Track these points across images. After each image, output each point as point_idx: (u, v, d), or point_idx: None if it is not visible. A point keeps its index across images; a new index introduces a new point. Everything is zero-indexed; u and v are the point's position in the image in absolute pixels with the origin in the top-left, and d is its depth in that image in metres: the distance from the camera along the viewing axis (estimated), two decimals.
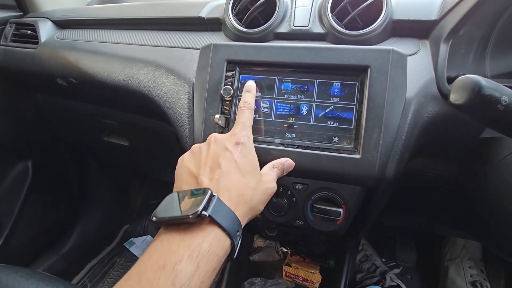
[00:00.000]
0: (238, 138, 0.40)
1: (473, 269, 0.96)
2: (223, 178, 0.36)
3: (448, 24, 0.48)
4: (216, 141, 0.40)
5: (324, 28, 0.55)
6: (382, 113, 0.45)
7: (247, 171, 0.38)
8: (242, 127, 0.42)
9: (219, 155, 0.38)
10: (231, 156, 0.38)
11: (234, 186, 0.36)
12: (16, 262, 1.00)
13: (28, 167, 1.01)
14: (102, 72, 0.67)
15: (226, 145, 0.39)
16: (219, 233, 0.32)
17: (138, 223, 1.36)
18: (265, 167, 0.44)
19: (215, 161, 0.37)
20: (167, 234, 0.32)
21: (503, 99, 0.27)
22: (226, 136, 0.41)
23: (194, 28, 0.65)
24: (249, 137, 0.42)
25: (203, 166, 0.37)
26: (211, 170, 0.37)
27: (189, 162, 0.40)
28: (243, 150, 0.39)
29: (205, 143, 0.41)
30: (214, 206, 0.32)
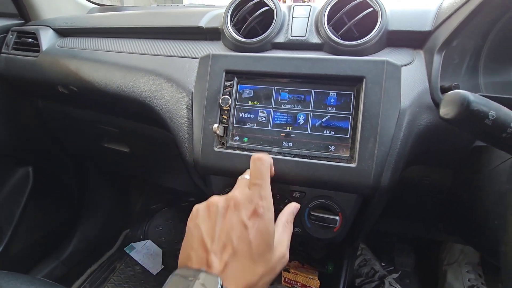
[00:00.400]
0: (258, 207, 0.37)
1: (471, 273, 0.97)
2: (233, 263, 0.35)
3: (441, 35, 0.49)
4: (236, 207, 0.37)
5: (320, 38, 0.56)
6: (377, 123, 0.45)
7: (259, 254, 0.36)
8: (260, 192, 0.38)
9: (233, 229, 0.36)
10: (246, 234, 0.36)
11: (242, 274, 0.35)
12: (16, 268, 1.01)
13: (28, 173, 1.02)
14: (103, 81, 0.68)
15: (242, 216, 0.37)
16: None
17: (138, 228, 1.37)
18: (278, 227, 0.41)
19: (228, 237, 0.36)
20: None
21: (490, 113, 0.28)
22: (245, 203, 0.38)
23: (193, 37, 0.66)
24: (269, 205, 0.38)
25: (216, 240, 0.36)
26: (223, 247, 0.35)
27: (203, 222, 0.38)
28: (260, 225, 0.37)
29: (224, 204, 0.38)
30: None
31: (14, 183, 1.00)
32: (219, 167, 0.51)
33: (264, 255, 0.36)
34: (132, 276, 1.17)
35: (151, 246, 1.29)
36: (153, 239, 1.33)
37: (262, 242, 0.36)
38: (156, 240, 1.32)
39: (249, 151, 0.50)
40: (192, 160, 0.53)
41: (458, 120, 0.29)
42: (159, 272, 1.18)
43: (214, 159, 0.51)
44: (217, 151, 0.51)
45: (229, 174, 0.52)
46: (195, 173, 0.56)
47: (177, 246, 1.30)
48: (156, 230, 1.37)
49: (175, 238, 1.34)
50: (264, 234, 0.37)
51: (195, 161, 0.53)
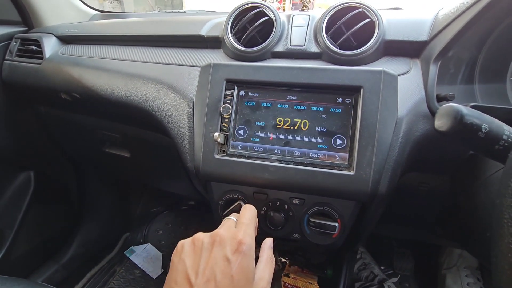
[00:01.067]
0: (241, 246, 0.39)
1: (470, 277, 0.97)
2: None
3: (437, 45, 0.50)
4: (220, 243, 0.39)
5: (319, 47, 0.57)
6: (374, 132, 0.46)
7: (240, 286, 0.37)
8: (244, 229, 0.41)
9: (217, 265, 0.37)
10: (229, 269, 0.37)
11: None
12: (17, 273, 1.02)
13: (30, 178, 1.03)
14: (105, 88, 0.69)
15: (227, 252, 0.38)
16: None
17: (138, 232, 1.38)
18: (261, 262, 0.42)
19: (211, 272, 0.37)
20: None
21: (483, 126, 0.29)
22: (229, 239, 0.39)
23: (195, 45, 0.67)
24: (252, 242, 0.40)
25: (200, 273, 0.37)
26: (207, 281, 0.36)
27: (187, 256, 0.39)
28: (242, 261, 0.38)
29: (209, 241, 0.40)
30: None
31: (16, 188, 1.01)
32: (219, 174, 0.52)
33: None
34: (132, 279, 1.17)
35: (151, 250, 1.30)
36: (153, 242, 1.33)
37: (243, 277, 0.37)
38: (156, 243, 1.33)
39: (249, 158, 0.51)
40: (193, 167, 0.54)
41: (452, 133, 0.30)
42: (159, 275, 1.19)
43: (215, 166, 0.52)
44: (217, 158, 0.52)
45: (229, 181, 0.53)
46: (196, 179, 0.57)
47: None
48: (156, 234, 1.38)
49: (175, 241, 1.33)
50: (245, 270, 0.38)
51: (196, 168, 0.54)
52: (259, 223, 0.56)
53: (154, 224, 1.41)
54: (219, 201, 0.56)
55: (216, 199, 0.56)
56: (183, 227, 1.40)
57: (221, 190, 0.55)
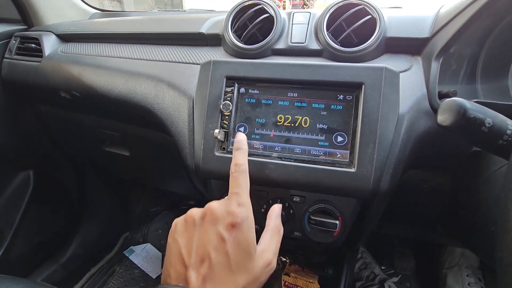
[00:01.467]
0: (234, 219, 0.36)
1: (471, 277, 0.97)
2: (211, 276, 0.34)
3: (439, 41, 0.50)
4: (212, 218, 0.37)
5: (320, 44, 0.57)
6: (376, 128, 0.46)
7: (238, 264, 0.35)
8: (238, 201, 0.38)
9: (210, 243, 0.35)
10: (223, 246, 0.35)
11: (221, 286, 0.34)
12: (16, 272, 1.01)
13: (29, 177, 1.03)
14: (105, 86, 0.69)
15: (220, 229, 0.36)
16: None
17: (137, 231, 1.37)
18: (266, 234, 0.40)
19: (205, 250, 0.35)
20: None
21: (487, 121, 0.29)
22: (222, 214, 0.37)
23: (195, 43, 0.67)
24: (247, 213, 0.38)
25: (194, 254, 0.36)
26: (201, 261, 0.35)
27: (181, 236, 0.38)
28: (237, 235, 0.36)
29: (201, 216, 0.38)
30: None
31: (15, 187, 1.01)
32: (219, 172, 0.52)
33: (245, 265, 0.35)
34: (131, 279, 1.17)
35: (150, 250, 1.29)
36: (153, 242, 1.33)
37: (241, 252, 0.35)
38: (155, 243, 1.32)
39: (250, 156, 0.50)
40: (193, 164, 0.54)
41: (455, 127, 0.30)
42: (159, 275, 1.18)
43: (215, 164, 0.51)
44: (218, 155, 0.51)
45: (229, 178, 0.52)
46: (196, 177, 0.57)
47: None
48: (155, 234, 1.37)
49: None
50: (243, 244, 0.36)
51: (196, 166, 0.53)
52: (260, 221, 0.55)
53: (154, 223, 1.41)
54: (219, 199, 0.55)
55: (217, 197, 0.56)
56: None
57: (221, 188, 0.55)
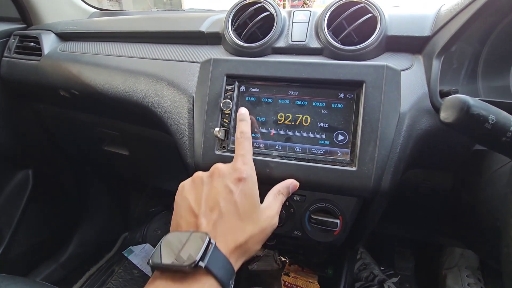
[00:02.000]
0: (240, 174, 0.39)
1: (471, 277, 0.97)
2: (221, 222, 0.36)
3: (440, 40, 0.50)
4: (219, 175, 0.40)
5: (320, 43, 0.57)
6: (377, 127, 0.46)
7: (246, 213, 0.38)
8: (243, 161, 0.41)
9: (219, 193, 0.38)
10: (231, 196, 0.38)
11: (231, 231, 0.36)
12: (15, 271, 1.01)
13: (28, 176, 1.02)
14: (104, 85, 0.68)
15: (227, 182, 0.39)
16: (214, 284, 0.32)
17: (137, 231, 1.37)
18: (270, 195, 0.43)
19: (215, 201, 0.37)
20: (162, 281, 0.32)
21: (490, 118, 0.29)
22: (228, 170, 0.40)
23: (194, 42, 0.67)
24: (251, 171, 0.41)
25: (203, 204, 0.38)
26: (211, 209, 0.37)
27: (189, 193, 0.40)
28: (244, 188, 0.38)
29: (208, 175, 0.41)
30: (211, 256, 0.32)
31: (14, 186, 1.00)
32: None
33: (251, 215, 0.38)
34: (130, 279, 1.17)
35: (149, 250, 1.29)
36: (152, 242, 1.32)
37: (248, 202, 0.38)
38: (154, 243, 1.31)
39: None
40: (193, 163, 0.54)
41: (458, 124, 0.30)
42: None
43: (215, 163, 0.51)
44: (218, 154, 0.51)
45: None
46: None
47: None
48: (155, 234, 1.37)
49: None
50: (249, 195, 0.39)
51: (196, 164, 0.53)
52: None
53: (153, 224, 1.40)
54: None
55: None
56: None
57: None
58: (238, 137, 0.45)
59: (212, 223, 0.36)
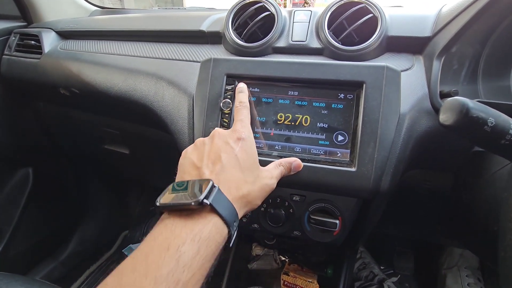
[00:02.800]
0: (240, 134, 0.42)
1: (470, 277, 0.97)
2: (223, 172, 0.38)
3: (441, 41, 0.50)
4: (219, 135, 0.42)
5: (321, 43, 0.56)
6: (377, 128, 0.46)
7: (246, 167, 0.40)
8: (242, 124, 0.44)
9: (220, 149, 0.40)
10: (232, 151, 0.40)
11: (233, 180, 0.38)
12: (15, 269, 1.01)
13: (28, 175, 1.02)
14: (104, 83, 0.68)
15: (228, 140, 0.41)
16: (218, 221, 0.34)
17: (137, 230, 1.37)
18: (271, 164, 0.45)
19: (216, 155, 0.39)
20: (170, 219, 0.34)
21: (489, 120, 0.29)
22: (228, 132, 0.43)
23: (195, 41, 0.67)
24: (250, 133, 0.44)
25: (205, 158, 0.40)
26: (213, 163, 0.39)
27: (192, 154, 0.42)
28: (243, 145, 0.41)
29: (209, 137, 0.43)
30: (215, 196, 0.34)
31: (14, 185, 1.00)
32: None
33: (251, 170, 0.41)
34: None
35: None
36: None
37: (248, 157, 0.41)
38: None
39: None
40: None
41: (457, 126, 0.30)
42: None
43: None
44: None
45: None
46: None
47: None
48: None
49: None
50: (249, 151, 0.41)
51: None
52: (260, 220, 0.55)
53: (153, 222, 1.39)
54: None
55: None
56: None
57: None
58: (237, 105, 0.48)
59: (215, 173, 0.38)
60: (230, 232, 0.35)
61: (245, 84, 0.51)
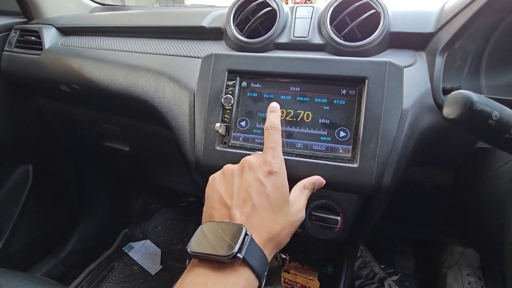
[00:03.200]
0: (271, 167, 0.39)
1: (471, 276, 0.96)
2: (254, 214, 0.37)
3: (443, 37, 0.50)
4: (250, 168, 0.40)
5: (323, 39, 0.56)
6: (379, 124, 0.45)
7: (278, 206, 0.38)
8: (273, 154, 0.41)
9: (251, 186, 0.38)
10: (263, 189, 0.38)
11: (264, 224, 0.37)
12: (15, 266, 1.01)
13: (29, 172, 1.02)
14: (105, 79, 0.68)
15: (259, 176, 0.39)
16: (251, 275, 0.33)
17: (137, 228, 1.37)
18: (295, 189, 0.43)
19: (247, 193, 0.38)
20: (201, 269, 0.33)
21: (494, 114, 0.28)
22: (259, 164, 0.40)
23: (196, 37, 0.66)
24: (282, 164, 0.41)
25: (235, 196, 0.38)
26: (243, 202, 0.37)
27: (220, 185, 0.40)
28: (275, 181, 0.39)
29: (238, 168, 0.41)
30: (248, 247, 0.33)
31: (14, 182, 1.00)
32: (220, 166, 0.51)
33: (283, 208, 0.38)
34: (130, 275, 1.17)
35: (150, 246, 1.29)
36: (152, 239, 1.32)
37: (279, 195, 0.38)
38: (155, 240, 1.32)
39: (251, 150, 0.50)
40: (193, 159, 0.53)
41: (461, 120, 0.29)
42: (158, 272, 1.18)
43: (216, 158, 0.51)
44: (218, 150, 0.51)
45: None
46: (196, 172, 0.56)
47: (176, 246, 1.29)
48: (155, 230, 1.37)
49: (174, 238, 1.34)
50: (280, 189, 0.39)
51: (196, 160, 0.53)
52: None
53: (153, 220, 1.41)
54: None
55: None
56: (182, 223, 1.39)
57: None
58: (268, 128, 0.44)
59: (246, 215, 0.36)
60: (261, 284, 0.34)
61: (278, 104, 0.48)
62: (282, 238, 0.38)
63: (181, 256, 1.25)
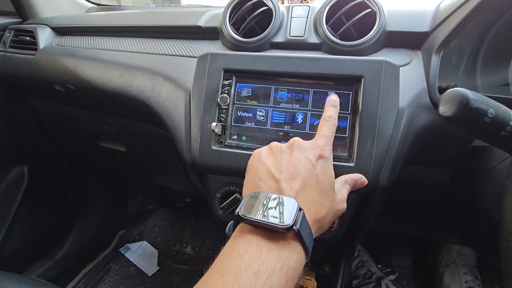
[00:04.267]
0: (322, 152, 0.39)
1: (468, 275, 0.97)
2: (304, 192, 0.35)
3: (439, 35, 0.50)
4: (300, 147, 0.39)
5: (319, 38, 0.56)
6: (375, 122, 0.46)
7: (324, 190, 0.37)
8: (325, 141, 0.40)
9: (301, 164, 0.37)
10: (313, 170, 0.37)
11: (312, 203, 0.35)
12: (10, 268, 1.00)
13: (24, 172, 1.01)
14: (100, 79, 0.68)
15: (309, 156, 0.38)
16: (301, 251, 0.32)
17: (134, 229, 1.36)
18: (338, 182, 0.41)
19: (297, 170, 0.36)
20: (253, 236, 0.31)
21: (489, 111, 0.28)
22: (310, 145, 0.39)
23: (192, 37, 0.66)
24: (331, 153, 0.40)
25: (284, 170, 0.36)
26: (292, 178, 0.36)
27: (267, 159, 0.38)
28: (324, 166, 0.38)
29: (287, 145, 0.40)
30: (302, 222, 0.31)
31: (9, 183, 0.99)
32: (216, 166, 0.51)
33: (329, 193, 0.37)
34: (127, 277, 1.16)
35: (146, 247, 1.28)
36: (149, 240, 1.32)
37: (327, 180, 0.37)
38: (151, 241, 1.31)
39: (247, 150, 0.50)
40: (189, 158, 0.53)
41: (457, 118, 0.29)
42: (155, 273, 1.17)
43: (212, 158, 0.51)
44: (214, 149, 0.50)
45: (226, 172, 0.51)
46: (192, 172, 0.56)
47: (173, 247, 1.29)
48: (152, 231, 1.36)
49: (171, 239, 1.33)
50: (328, 174, 0.38)
51: (192, 160, 0.52)
52: None
53: (150, 221, 1.40)
54: (216, 194, 0.55)
55: (213, 192, 0.55)
56: (179, 224, 1.38)
57: (218, 183, 0.54)
58: (326, 119, 0.44)
59: (295, 191, 0.35)
60: (308, 263, 0.33)
61: (338, 98, 0.47)
62: (325, 223, 0.37)
63: (178, 257, 1.24)
